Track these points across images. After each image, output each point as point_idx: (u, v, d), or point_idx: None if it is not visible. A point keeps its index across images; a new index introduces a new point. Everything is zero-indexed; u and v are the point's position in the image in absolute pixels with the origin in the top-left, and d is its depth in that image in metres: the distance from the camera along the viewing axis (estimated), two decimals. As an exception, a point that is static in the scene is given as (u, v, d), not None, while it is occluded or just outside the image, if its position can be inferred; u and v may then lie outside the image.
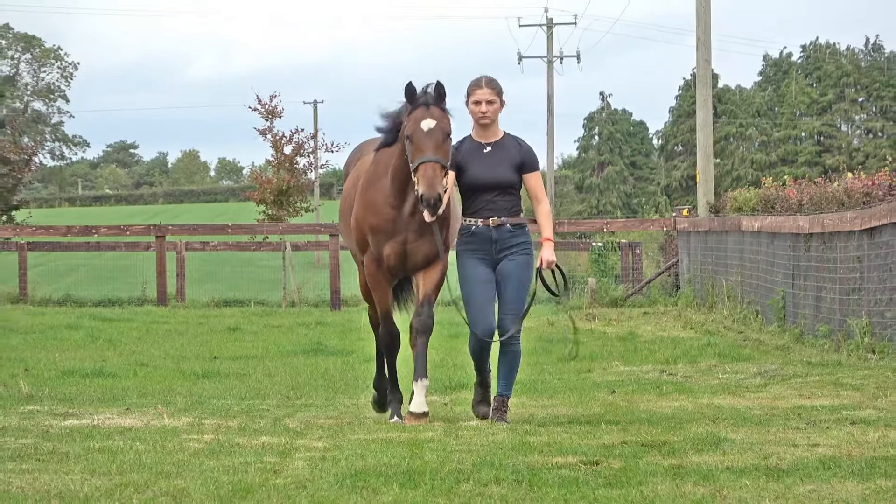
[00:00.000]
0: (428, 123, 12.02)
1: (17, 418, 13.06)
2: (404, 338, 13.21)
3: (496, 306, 12.56)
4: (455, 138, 12.46)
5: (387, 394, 13.49)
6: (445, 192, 11.92)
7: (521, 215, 12.42)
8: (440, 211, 11.89)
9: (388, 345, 13.27)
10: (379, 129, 12.77)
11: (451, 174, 12.17)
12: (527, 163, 12.41)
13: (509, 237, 12.28)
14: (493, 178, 12.28)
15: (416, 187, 11.92)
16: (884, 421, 12.03)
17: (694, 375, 17.33)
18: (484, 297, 12.35)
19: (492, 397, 12.63)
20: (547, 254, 12.29)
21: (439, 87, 12.20)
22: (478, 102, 12.33)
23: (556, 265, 12.43)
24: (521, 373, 12.78)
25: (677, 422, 12.30)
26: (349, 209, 13.23)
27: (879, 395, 14.21)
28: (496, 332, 12.39)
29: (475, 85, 12.38)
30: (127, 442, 11.34)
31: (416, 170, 11.89)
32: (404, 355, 13.10)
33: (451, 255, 12.68)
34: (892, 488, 8.61)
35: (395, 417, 12.99)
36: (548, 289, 12.61)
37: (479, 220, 12.26)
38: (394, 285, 13.25)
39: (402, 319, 13.50)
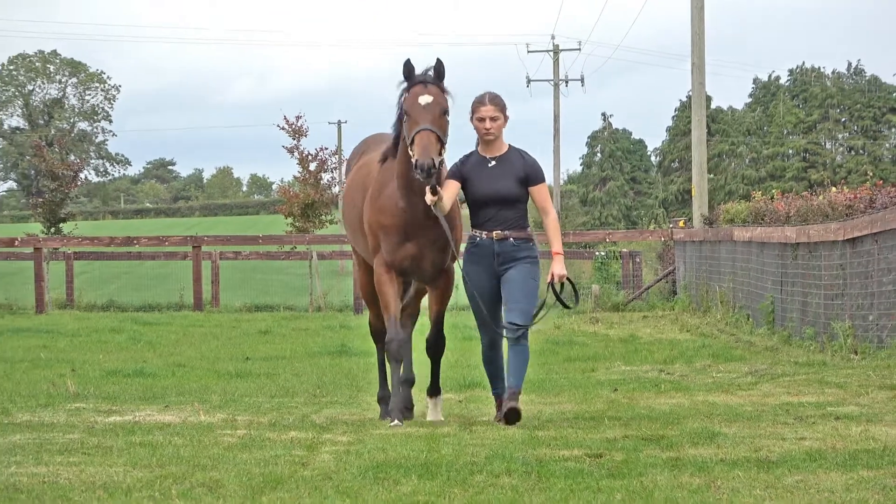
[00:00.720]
0: (426, 98, 11.40)
1: (65, 415, 13.08)
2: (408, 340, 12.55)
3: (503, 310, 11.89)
4: (460, 154, 11.95)
5: (388, 405, 12.67)
6: (441, 164, 11.38)
7: (529, 229, 11.80)
8: (446, 208, 11.41)
9: (394, 353, 12.17)
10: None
11: (455, 184, 11.63)
12: (531, 175, 11.75)
13: (512, 251, 11.63)
14: (498, 191, 11.61)
15: (412, 158, 11.17)
16: (866, 416, 11.99)
17: (690, 374, 17.30)
18: (490, 301, 11.73)
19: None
20: (557, 268, 11.66)
21: (439, 66, 11.65)
22: (482, 119, 11.67)
23: (567, 278, 11.76)
24: (529, 372, 12.64)
25: (675, 417, 12.28)
26: (351, 203, 12.75)
27: (861, 392, 14.18)
28: (505, 331, 11.66)
29: (479, 102, 11.75)
30: (166, 437, 11.35)
31: (412, 141, 11.21)
32: (421, 357, 12.94)
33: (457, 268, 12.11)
34: (874, 479, 8.59)
35: (396, 422, 12.00)
36: (562, 302, 11.99)
37: (484, 232, 11.62)
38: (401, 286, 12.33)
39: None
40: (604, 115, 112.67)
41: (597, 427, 11.78)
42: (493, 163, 11.70)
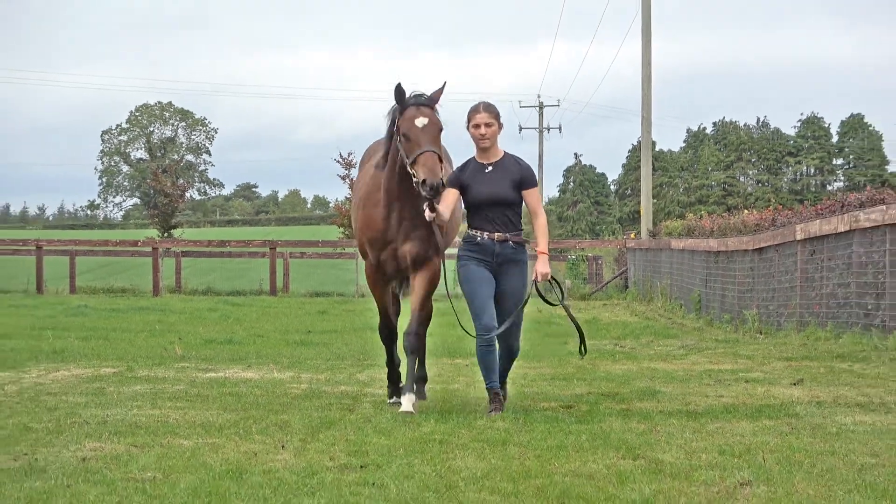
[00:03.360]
0: (422, 120, 9.36)
1: (174, 372, 13.09)
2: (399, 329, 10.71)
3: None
4: (457, 163, 10.03)
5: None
6: (444, 185, 9.35)
7: (523, 232, 9.77)
8: (445, 218, 9.49)
9: (386, 337, 10.55)
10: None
11: (454, 192, 9.59)
12: (525, 180, 9.64)
13: (511, 253, 9.54)
14: (495, 195, 9.52)
15: (416, 177, 9.24)
16: (768, 380, 11.98)
17: (637, 347, 17.25)
18: (485, 293, 9.47)
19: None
20: (541, 266, 9.54)
21: (442, 89, 9.66)
22: (477, 126, 9.57)
23: (552, 277, 9.72)
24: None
25: (625, 379, 12.26)
26: (357, 206, 10.47)
27: (765, 362, 14.16)
28: (495, 330, 9.49)
29: (474, 110, 9.65)
30: (248, 388, 11.36)
31: (415, 161, 9.25)
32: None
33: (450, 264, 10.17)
34: (774, 426, 8.58)
35: (394, 398, 10.40)
36: (544, 299, 9.89)
37: (485, 233, 9.53)
38: (392, 283, 10.56)
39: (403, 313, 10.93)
40: (575, 154, 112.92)
41: (568, 385, 11.78)
42: (490, 168, 9.64)
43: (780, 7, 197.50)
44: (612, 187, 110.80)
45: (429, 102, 9.53)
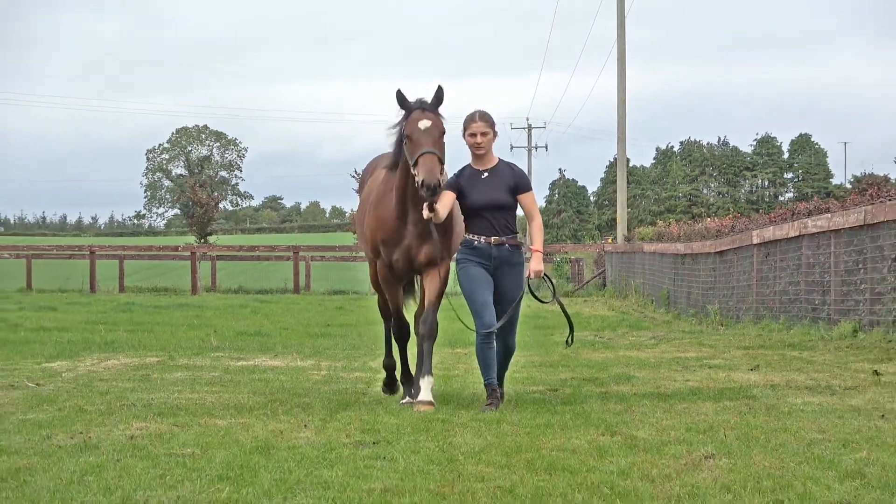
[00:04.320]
0: (425, 123, 8.52)
1: (209, 360, 13.09)
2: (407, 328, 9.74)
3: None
4: (454, 168, 9.00)
5: (394, 374, 9.89)
6: (442, 185, 8.55)
7: (518, 235, 8.98)
8: (442, 217, 8.60)
9: (399, 337, 9.60)
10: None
11: (451, 194, 8.74)
12: (520, 184, 8.82)
13: (508, 255, 8.74)
14: (491, 199, 8.69)
15: (416, 178, 8.42)
16: (728, 366, 11.97)
17: (614, 338, 17.25)
18: (485, 292, 8.68)
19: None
20: (535, 264, 8.74)
21: (439, 93, 8.74)
22: (473, 134, 8.76)
23: (545, 275, 9.02)
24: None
25: (604, 365, 12.25)
26: (363, 217, 9.59)
27: (725, 350, 14.15)
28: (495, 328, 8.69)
29: (470, 119, 8.84)
30: (275, 375, 11.37)
31: (416, 162, 8.42)
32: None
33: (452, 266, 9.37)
34: (734, 406, 8.58)
35: (407, 398, 9.22)
36: (535, 297, 9.27)
37: (483, 237, 8.72)
38: (403, 283, 9.62)
39: (408, 311, 10.00)
40: (560, 169, 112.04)
41: (553, 371, 11.77)
42: (486, 174, 8.81)
43: (737, 40, 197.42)
44: (591, 198, 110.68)
45: (432, 107, 8.70)
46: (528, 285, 9.03)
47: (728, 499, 5.21)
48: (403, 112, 8.78)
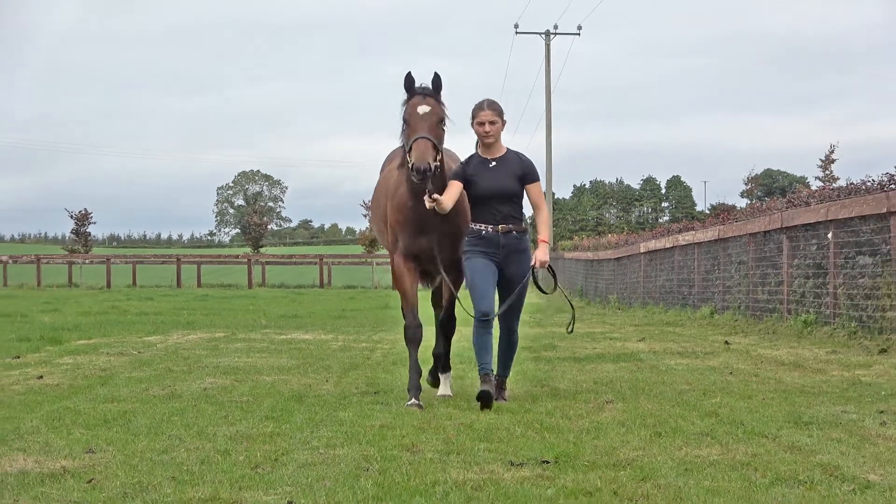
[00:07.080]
0: (423, 108, 6.05)
1: (260, 335, 12.99)
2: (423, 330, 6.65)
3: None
4: (463, 156, 6.58)
5: (430, 372, 7.16)
6: (437, 169, 6.02)
7: (523, 222, 6.43)
8: (447, 208, 6.10)
9: (410, 338, 6.53)
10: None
11: (458, 184, 6.26)
12: (527, 174, 6.36)
13: (515, 243, 6.27)
14: (498, 188, 6.24)
15: (408, 163, 6.01)
16: (623, 338, 11.97)
17: (543, 319, 17.21)
18: (487, 280, 6.22)
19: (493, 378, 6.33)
20: (541, 254, 6.29)
21: (436, 80, 6.17)
22: (481, 123, 6.28)
23: (549, 266, 6.47)
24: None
25: (535, 338, 12.10)
26: (377, 205, 6.83)
27: (622, 327, 14.16)
28: (494, 316, 6.27)
29: (478, 108, 6.34)
30: (305, 345, 11.28)
31: (410, 148, 6.00)
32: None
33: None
34: (627, 367, 8.53)
35: (413, 400, 6.22)
36: (539, 288, 6.71)
37: (490, 226, 6.24)
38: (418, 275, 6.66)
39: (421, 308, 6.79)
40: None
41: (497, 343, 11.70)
42: (494, 163, 6.33)
43: (631, 111, 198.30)
44: (529, 221, 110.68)
45: (433, 93, 6.19)
46: (533, 275, 6.49)
47: (622, 431, 5.20)
48: (407, 96, 6.24)
